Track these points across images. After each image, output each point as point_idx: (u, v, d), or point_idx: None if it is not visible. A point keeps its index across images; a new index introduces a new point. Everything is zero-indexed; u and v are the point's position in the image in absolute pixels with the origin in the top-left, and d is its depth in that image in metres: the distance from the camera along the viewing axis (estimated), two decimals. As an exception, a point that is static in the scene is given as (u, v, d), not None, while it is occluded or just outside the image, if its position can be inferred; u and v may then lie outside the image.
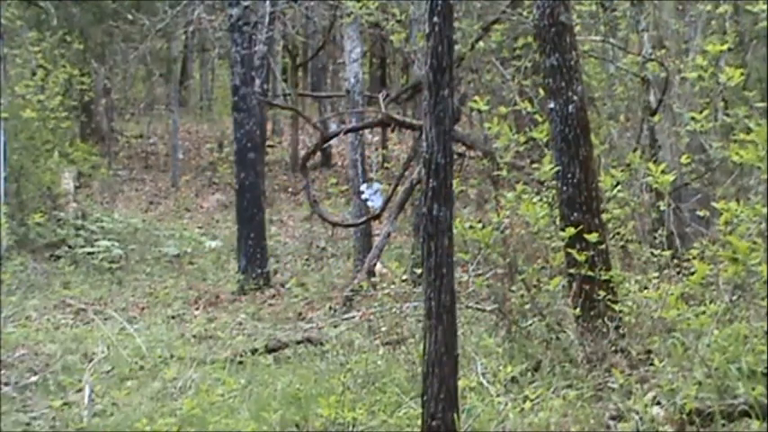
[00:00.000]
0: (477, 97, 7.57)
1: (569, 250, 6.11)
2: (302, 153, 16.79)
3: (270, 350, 8.48)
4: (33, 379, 7.98)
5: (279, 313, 10.90)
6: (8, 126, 13.65)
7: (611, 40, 10.26)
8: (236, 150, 12.76)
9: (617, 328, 5.94)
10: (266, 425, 6.12)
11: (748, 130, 5.72)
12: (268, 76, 16.13)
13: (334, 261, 14.16)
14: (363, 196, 12.52)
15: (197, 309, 11.30)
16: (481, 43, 10.21)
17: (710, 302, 5.42)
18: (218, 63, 27.12)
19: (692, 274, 5.58)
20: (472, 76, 10.88)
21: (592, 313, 6.07)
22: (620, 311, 5.99)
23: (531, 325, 6.72)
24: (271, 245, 13.76)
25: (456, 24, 8.56)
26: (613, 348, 5.85)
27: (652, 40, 10.04)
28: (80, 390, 7.59)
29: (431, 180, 4.71)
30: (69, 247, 13.61)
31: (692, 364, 5.07)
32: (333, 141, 19.18)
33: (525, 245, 7.27)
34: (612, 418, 5.04)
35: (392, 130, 14.01)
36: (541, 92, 6.89)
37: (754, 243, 5.33)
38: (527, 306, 6.76)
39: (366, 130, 14.36)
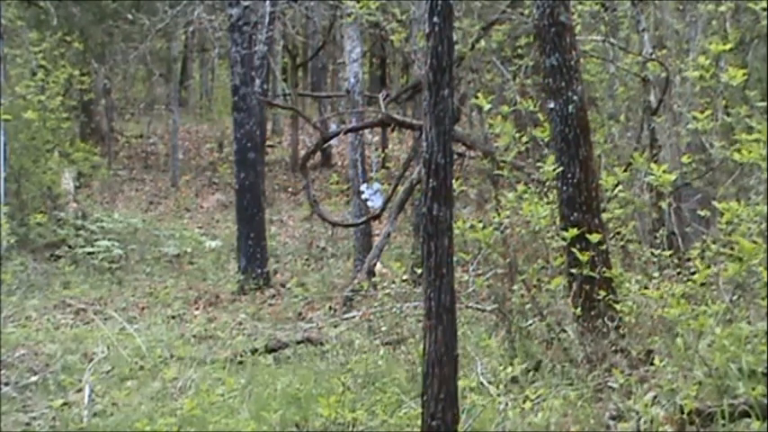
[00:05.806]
0: (479, 95, 7.55)
1: (570, 250, 6.11)
2: (302, 153, 16.79)
3: (270, 350, 8.47)
4: (33, 379, 7.96)
5: (279, 313, 10.89)
6: (8, 126, 13.63)
7: (612, 39, 10.25)
8: (236, 150, 12.76)
9: (617, 328, 5.94)
10: (266, 425, 6.12)
11: (749, 130, 5.73)
12: (268, 76, 16.13)
13: (334, 261, 14.16)
14: (363, 196, 12.51)
15: (197, 309, 11.29)
16: (482, 43, 10.21)
17: (711, 302, 5.42)
18: (218, 63, 27.11)
19: (693, 273, 5.58)
20: (472, 76, 10.88)
21: (592, 313, 6.07)
22: (621, 311, 5.99)
23: (531, 325, 6.71)
24: (271, 245, 13.75)
25: (456, 24, 8.55)
26: (613, 348, 5.85)
27: (653, 40, 10.03)
28: (80, 390, 7.59)
29: (431, 180, 4.71)
30: (69, 247, 13.60)
31: (692, 364, 5.06)
32: (333, 141, 19.23)
33: (525, 245, 7.26)
34: (612, 418, 5.03)
35: (392, 130, 13.99)
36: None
37: (755, 243, 5.32)
38: (527, 306, 6.75)
39: (366, 130, 14.33)
